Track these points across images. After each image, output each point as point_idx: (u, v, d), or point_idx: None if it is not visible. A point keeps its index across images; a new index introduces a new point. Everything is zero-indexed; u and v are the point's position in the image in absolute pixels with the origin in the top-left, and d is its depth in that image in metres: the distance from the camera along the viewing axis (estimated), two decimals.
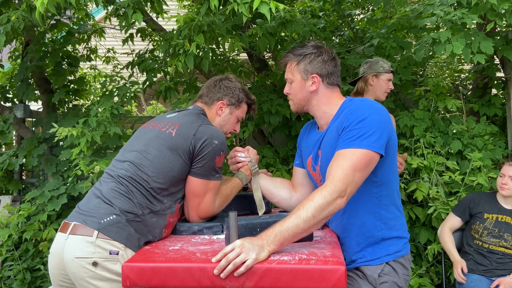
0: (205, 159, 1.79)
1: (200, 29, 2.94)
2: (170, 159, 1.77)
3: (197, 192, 1.82)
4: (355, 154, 1.58)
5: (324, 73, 1.80)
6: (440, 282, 3.39)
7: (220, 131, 1.88)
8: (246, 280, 1.39)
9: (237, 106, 2.04)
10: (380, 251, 1.72)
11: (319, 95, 1.81)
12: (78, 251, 1.61)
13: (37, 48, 4.25)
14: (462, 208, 3.04)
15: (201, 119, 1.88)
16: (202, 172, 1.81)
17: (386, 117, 1.69)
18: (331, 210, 1.51)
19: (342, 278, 1.37)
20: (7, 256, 4.10)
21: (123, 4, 2.94)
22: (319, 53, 1.80)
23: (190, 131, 1.81)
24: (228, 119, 2.03)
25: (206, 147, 1.78)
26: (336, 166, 1.57)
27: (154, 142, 1.83)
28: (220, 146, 1.82)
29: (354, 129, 1.62)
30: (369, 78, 2.91)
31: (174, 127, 1.84)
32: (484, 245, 2.90)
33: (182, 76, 4.35)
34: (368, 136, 1.59)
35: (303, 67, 1.80)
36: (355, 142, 1.60)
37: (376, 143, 1.59)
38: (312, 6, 4.50)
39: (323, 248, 1.57)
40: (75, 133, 3.13)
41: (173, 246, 1.65)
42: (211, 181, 1.83)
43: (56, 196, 4.08)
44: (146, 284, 1.44)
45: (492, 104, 4.02)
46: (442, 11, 2.98)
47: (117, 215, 1.67)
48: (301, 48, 1.83)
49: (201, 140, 1.78)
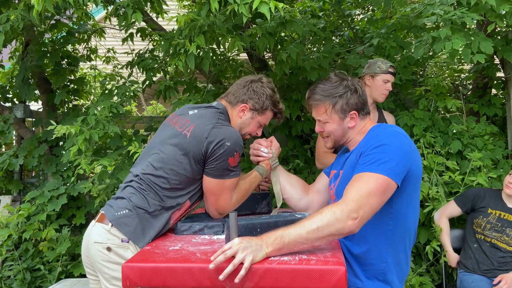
0: (218, 161, 1.81)
1: (201, 30, 2.93)
2: (184, 161, 1.82)
3: (213, 190, 1.87)
4: (371, 177, 1.56)
5: (360, 107, 1.80)
6: (440, 282, 3.39)
7: (235, 131, 1.87)
8: (246, 280, 1.39)
9: (260, 112, 2.00)
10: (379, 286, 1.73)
11: (356, 128, 1.83)
12: (97, 236, 1.81)
13: (36, 48, 4.25)
14: (466, 200, 3.05)
15: (215, 120, 1.87)
16: (216, 172, 1.83)
17: (408, 147, 1.66)
18: (338, 228, 1.47)
19: (342, 278, 1.37)
20: (7, 256, 4.10)
21: (123, 4, 2.94)
22: (353, 90, 1.79)
23: (203, 134, 1.81)
24: (248, 123, 2.00)
25: (218, 149, 1.79)
26: (351, 187, 1.56)
27: (171, 142, 1.87)
28: (233, 147, 1.81)
29: (371, 153, 1.62)
30: (366, 78, 2.88)
31: (189, 129, 1.85)
32: (486, 239, 2.90)
33: (182, 76, 4.35)
34: (385, 162, 1.58)
35: (340, 107, 1.79)
36: (371, 166, 1.58)
37: (392, 170, 1.57)
38: (312, 6, 4.50)
39: (323, 248, 1.57)
40: (73, 130, 3.13)
41: (173, 246, 1.65)
42: (227, 180, 1.85)
43: (56, 196, 4.09)
44: (146, 284, 1.44)
45: (492, 104, 4.02)
46: (442, 10, 2.98)
47: (130, 210, 1.80)
48: (331, 86, 1.80)
49: (213, 143, 1.79)
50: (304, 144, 4.25)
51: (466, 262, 2.96)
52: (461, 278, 2.95)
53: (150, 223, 1.81)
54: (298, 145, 4.26)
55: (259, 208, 2.18)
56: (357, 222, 1.49)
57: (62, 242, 3.94)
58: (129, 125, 4.60)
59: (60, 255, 3.92)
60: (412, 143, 1.72)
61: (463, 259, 3.01)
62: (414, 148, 1.71)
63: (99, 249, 1.79)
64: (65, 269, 3.97)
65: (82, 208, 4.36)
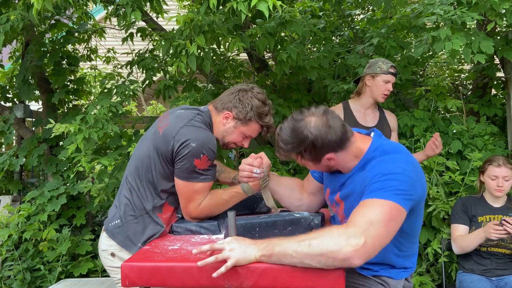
0: (183, 161, 1.76)
1: (201, 29, 2.93)
2: (155, 158, 1.81)
3: (183, 193, 1.84)
4: (379, 203, 1.46)
5: (334, 146, 1.61)
6: (440, 282, 3.39)
7: (206, 134, 1.79)
8: (245, 279, 1.39)
9: (243, 122, 1.89)
10: (403, 263, 1.75)
11: (339, 161, 1.67)
12: (103, 244, 1.90)
13: (36, 48, 4.25)
14: (459, 214, 2.95)
15: (187, 120, 1.81)
16: (183, 174, 1.79)
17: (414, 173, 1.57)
18: (332, 250, 1.34)
19: (341, 277, 1.37)
20: (7, 256, 4.10)
21: (122, 3, 2.94)
22: (314, 139, 1.57)
23: (172, 132, 1.78)
24: (231, 131, 1.92)
25: (183, 150, 1.74)
26: (357, 213, 1.46)
27: (148, 140, 1.89)
28: (199, 149, 1.74)
29: (379, 181, 1.52)
30: (366, 78, 2.88)
31: (163, 127, 1.84)
32: (482, 249, 2.86)
33: (182, 76, 4.35)
34: (393, 188, 1.49)
35: (309, 158, 1.64)
36: (379, 192, 1.49)
37: (401, 197, 1.48)
38: (312, 6, 4.50)
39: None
40: (72, 129, 3.12)
41: (172, 246, 1.66)
42: (196, 183, 1.80)
43: (56, 196, 4.09)
44: (145, 284, 1.44)
45: (492, 104, 4.02)
46: (442, 10, 2.97)
47: (120, 219, 1.86)
48: (289, 142, 1.61)
49: (179, 142, 1.75)
50: None
51: (464, 263, 2.95)
52: (460, 278, 2.95)
53: (139, 229, 1.84)
54: None
55: (258, 208, 2.18)
56: (360, 251, 1.33)
57: (62, 242, 3.94)
58: (129, 125, 4.60)
59: (60, 255, 3.92)
60: (418, 166, 1.64)
61: (461, 260, 3.00)
62: (420, 172, 1.64)
63: (105, 256, 1.89)
64: (65, 269, 3.97)
65: (82, 208, 4.37)
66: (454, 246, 2.93)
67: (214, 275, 1.37)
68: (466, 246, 2.84)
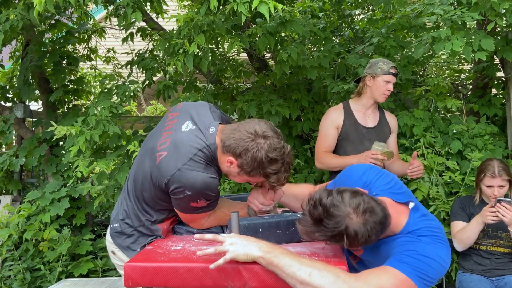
0: (179, 202, 1.71)
1: (200, 29, 2.93)
2: (151, 183, 1.73)
3: (183, 218, 1.83)
4: (400, 280, 1.40)
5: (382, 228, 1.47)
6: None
7: (203, 179, 1.64)
8: (248, 279, 1.39)
9: (248, 174, 1.68)
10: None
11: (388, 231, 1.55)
12: (107, 241, 1.95)
13: (36, 48, 4.25)
14: (458, 212, 2.95)
15: (187, 159, 1.65)
16: (181, 209, 1.76)
17: (448, 263, 1.53)
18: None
19: None
20: (7, 256, 4.10)
21: (123, 3, 2.94)
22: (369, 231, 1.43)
23: (168, 171, 1.65)
24: (234, 175, 1.72)
25: (178, 194, 1.66)
26: (374, 273, 1.41)
27: (145, 159, 1.78)
28: (195, 196, 1.65)
29: (413, 256, 1.45)
30: (367, 78, 2.88)
31: (162, 153, 1.69)
32: (481, 248, 2.87)
33: (182, 76, 4.35)
34: (424, 274, 1.43)
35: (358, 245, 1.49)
36: (403, 265, 1.43)
37: (424, 282, 1.44)
38: (312, 6, 4.50)
39: (325, 248, 1.57)
40: (74, 131, 3.12)
41: (175, 246, 1.66)
42: (196, 214, 1.77)
43: (58, 199, 4.08)
44: (148, 284, 1.44)
45: (492, 104, 4.02)
46: (442, 10, 2.98)
47: (119, 224, 1.89)
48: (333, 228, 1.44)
49: (173, 185, 1.64)
50: (304, 144, 4.25)
51: (464, 263, 2.96)
52: (460, 278, 2.95)
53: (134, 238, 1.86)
54: (298, 145, 4.26)
55: None
56: None
57: (62, 242, 3.94)
58: (128, 125, 4.60)
59: (60, 255, 3.91)
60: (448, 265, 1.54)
61: (461, 260, 3.00)
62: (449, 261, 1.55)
63: (109, 252, 1.97)
64: (65, 269, 3.97)
65: (82, 209, 4.36)
66: (455, 243, 2.91)
67: (211, 266, 1.37)
68: (467, 238, 2.80)
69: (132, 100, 3.98)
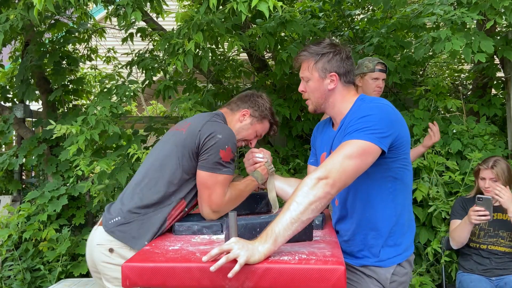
0: (209, 152, 1.86)
1: (199, 27, 2.94)
2: (179, 156, 1.89)
3: (206, 184, 1.89)
4: (349, 144, 1.58)
5: (342, 72, 1.79)
6: (440, 282, 3.39)
7: (228, 128, 1.94)
8: (246, 280, 1.39)
9: (259, 120, 2.11)
10: (392, 252, 1.76)
11: (336, 93, 1.81)
12: (99, 239, 1.87)
13: (36, 48, 4.25)
14: (458, 211, 2.97)
15: (210, 117, 1.97)
16: (207, 165, 1.87)
17: (393, 115, 1.68)
18: (315, 194, 1.47)
19: (341, 277, 1.37)
20: (7, 256, 4.10)
21: (122, 3, 2.94)
22: (337, 52, 1.79)
23: (197, 127, 1.90)
24: (247, 128, 2.10)
25: (210, 141, 1.86)
26: (329, 157, 1.57)
27: (169, 141, 1.98)
28: (225, 140, 1.87)
29: (355, 124, 1.63)
30: (357, 80, 2.90)
31: (186, 126, 1.96)
32: (482, 246, 2.87)
33: (182, 76, 4.35)
34: (366, 129, 1.59)
35: (321, 66, 1.79)
36: (352, 134, 1.60)
37: (374, 136, 1.58)
38: (312, 6, 4.50)
39: (323, 248, 1.57)
40: (74, 130, 3.12)
41: (173, 246, 1.65)
42: (220, 175, 1.88)
43: (57, 197, 4.09)
44: (146, 284, 1.44)
45: (492, 104, 4.02)
46: (442, 10, 2.98)
47: (123, 216, 1.86)
48: (318, 46, 1.81)
49: (205, 134, 1.87)
50: (304, 144, 4.25)
51: (464, 263, 2.95)
52: (460, 278, 2.95)
53: (144, 226, 1.84)
54: (298, 145, 4.26)
55: (258, 208, 2.18)
56: (329, 184, 1.48)
57: (62, 242, 3.94)
58: (128, 125, 4.60)
59: (60, 255, 3.92)
60: (398, 112, 1.74)
61: (461, 260, 3.00)
62: (399, 116, 1.73)
63: (101, 251, 1.85)
64: (65, 269, 3.97)
65: (82, 208, 4.36)
66: (451, 240, 2.95)
67: (230, 275, 1.35)
68: (458, 236, 2.85)
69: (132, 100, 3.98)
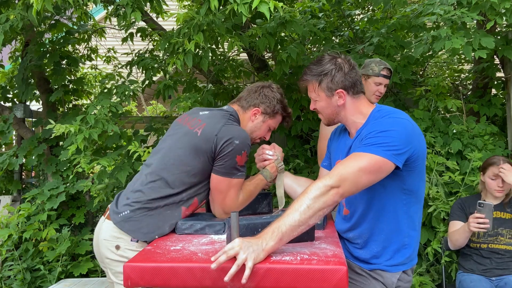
0: (226, 158, 1.86)
1: (200, 28, 2.94)
2: (193, 157, 1.88)
3: (220, 188, 1.91)
4: (365, 157, 1.57)
5: (348, 85, 1.79)
6: (440, 282, 3.40)
7: (243, 131, 1.93)
8: (248, 280, 1.39)
9: (271, 116, 2.08)
10: (400, 259, 1.78)
11: (346, 107, 1.82)
12: (106, 234, 1.85)
13: (36, 48, 4.25)
14: (457, 212, 2.98)
15: (225, 119, 1.94)
16: (223, 170, 1.88)
17: (411, 130, 1.68)
18: (325, 201, 1.49)
19: (343, 278, 1.37)
20: (7, 256, 4.10)
21: (122, 3, 2.94)
22: (338, 68, 1.78)
23: (213, 131, 1.88)
24: (259, 126, 2.08)
25: (227, 147, 1.85)
26: (341, 164, 1.58)
27: (182, 140, 1.94)
28: (242, 146, 1.87)
29: (373, 137, 1.63)
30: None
31: (200, 127, 1.92)
32: (482, 246, 2.87)
33: (182, 76, 4.35)
34: (385, 144, 1.59)
35: (325, 85, 1.79)
36: (370, 148, 1.59)
37: (391, 152, 1.58)
38: (312, 6, 4.50)
39: (324, 248, 1.57)
40: (73, 129, 3.12)
41: (175, 246, 1.65)
42: (234, 179, 1.90)
43: (56, 195, 4.09)
44: (147, 284, 1.44)
45: (492, 104, 4.02)
46: (442, 10, 2.98)
47: (132, 210, 1.83)
48: (319, 65, 1.81)
49: (222, 140, 1.85)
50: (304, 144, 4.25)
51: (464, 263, 2.96)
52: (460, 278, 2.95)
53: (155, 220, 1.84)
54: (298, 145, 4.26)
55: (260, 208, 2.18)
56: (340, 192, 1.51)
57: (62, 242, 3.94)
58: (129, 125, 4.60)
59: (60, 255, 3.92)
60: (416, 126, 1.73)
61: (461, 260, 3.00)
62: (417, 129, 1.73)
63: (108, 246, 1.85)
64: (65, 269, 3.97)
65: (82, 208, 4.37)
66: (448, 241, 2.98)
67: (243, 281, 1.36)
68: (456, 240, 2.87)
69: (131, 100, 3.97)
